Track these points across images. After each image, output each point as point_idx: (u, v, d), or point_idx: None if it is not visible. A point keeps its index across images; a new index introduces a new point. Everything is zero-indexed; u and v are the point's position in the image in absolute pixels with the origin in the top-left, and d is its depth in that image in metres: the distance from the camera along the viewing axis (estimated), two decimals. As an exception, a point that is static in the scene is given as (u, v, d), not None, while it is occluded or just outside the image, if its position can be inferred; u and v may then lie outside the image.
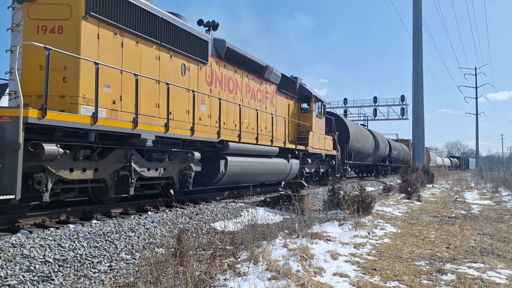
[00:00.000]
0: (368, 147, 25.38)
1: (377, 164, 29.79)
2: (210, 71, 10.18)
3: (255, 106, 12.39)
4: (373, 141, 26.87)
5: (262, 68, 12.84)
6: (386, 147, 30.73)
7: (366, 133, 26.45)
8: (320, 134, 17.03)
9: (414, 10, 30.08)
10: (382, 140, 29.97)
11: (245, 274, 4.24)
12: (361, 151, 24.00)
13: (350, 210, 8.62)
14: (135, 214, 7.32)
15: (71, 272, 4.41)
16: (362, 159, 25.08)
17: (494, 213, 11.16)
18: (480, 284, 4.54)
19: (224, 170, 10.01)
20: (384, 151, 29.69)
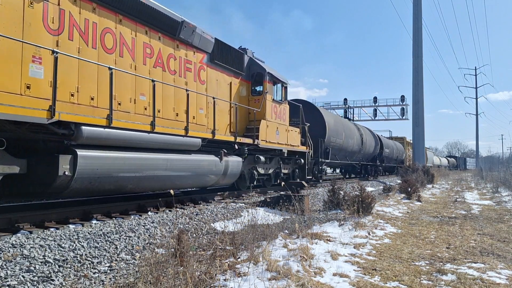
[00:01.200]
0: (352, 143, 21.76)
1: (365, 163, 25.98)
2: (58, 12, 6.47)
3: (165, 79, 8.69)
4: (359, 137, 23.26)
5: (174, 24, 8.88)
6: (376, 144, 27.42)
7: (349, 127, 22.32)
8: (280, 125, 13.19)
9: (414, 10, 30.10)
10: (371, 136, 26.74)
11: (245, 275, 4.24)
12: (343, 148, 20.48)
13: (350, 210, 8.61)
14: (135, 214, 7.32)
15: (71, 272, 4.41)
16: (344, 158, 21.42)
17: (494, 213, 11.16)
18: (480, 284, 4.54)
19: (70, 172, 6.18)
20: (373, 149, 26.44)
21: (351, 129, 22.73)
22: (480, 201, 14.74)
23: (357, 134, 23.18)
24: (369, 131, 28.01)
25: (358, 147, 22.91)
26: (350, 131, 22.01)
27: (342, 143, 20.20)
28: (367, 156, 25.82)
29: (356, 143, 22.51)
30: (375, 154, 27.43)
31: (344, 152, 21.02)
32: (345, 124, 22.47)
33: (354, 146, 22.15)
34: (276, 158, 13.62)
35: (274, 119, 12.87)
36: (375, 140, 27.54)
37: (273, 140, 12.67)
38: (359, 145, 23.15)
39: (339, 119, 22.34)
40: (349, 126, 22.79)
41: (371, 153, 26.53)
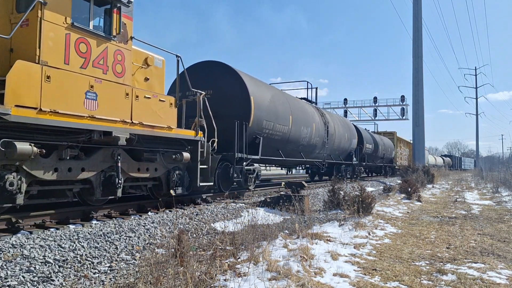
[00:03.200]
0: (308, 134, 15.30)
1: (333, 162, 19.46)
2: None
3: None
4: (321, 125, 16.88)
5: None
6: (352, 137, 21.37)
7: (303, 110, 15.47)
8: (107, 82, 6.72)
9: (414, 10, 30.10)
10: (344, 127, 20.56)
11: (245, 275, 4.24)
12: (289, 139, 13.93)
13: (350, 210, 8.62)
14: (135, 215, 7.32)
15: (71, 272, 4.41)
16: (292, 153, 14.65)
17: (494, 213, 11.16)
18: (480, 284, 4.54)
19: None
20: (348, 143, 20.61)
21: (307, 113, 15.59)
22: (480, 201, 14.74)
23: (318, 121, 16.49)
24: (343, 120, 22.49)
25: (320, 139, 16.75)
26: (304, 116, 15.18)
27: (288, 132, 13.58)
28: (338, 153, 19.75)
29: (316, 134, 16.20)
30: (351, 151, 21.59)
31: (292, 145, 14.33)
32: (296, 105, 14.75)
33: (313, 137, 15.80)
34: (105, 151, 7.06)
35: (81, 66, 6.37)
36: (350, 132, 21.25)
37: (71, 108, 6.06)
38: (321, 136, 16.89)
39: (282, 96, 13.99)
40: (303, 109, 15.39)
41: (345, 149, 20.64)
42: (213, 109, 9.69)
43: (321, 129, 17.06)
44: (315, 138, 16.33)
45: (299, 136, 14.83)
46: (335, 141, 19.14)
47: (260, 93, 12.27)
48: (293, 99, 15.63)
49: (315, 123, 16.36)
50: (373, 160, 27.22)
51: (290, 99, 14.94)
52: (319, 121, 17.07)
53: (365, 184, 11.15)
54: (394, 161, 34.03)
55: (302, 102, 16.63)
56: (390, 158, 32.82)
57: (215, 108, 9.84)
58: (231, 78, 11.52)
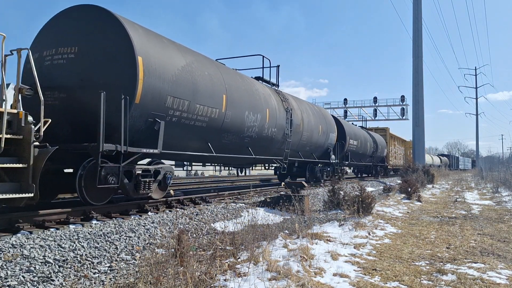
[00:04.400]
0: (256, 122, 11.22)
1: (303, 160, 15.67)
2: None
3: None
4: (281, 112, 12.84)
5: None
6: (330, 131, 17.52)
7: (248, 90, 11.29)
8: None
9: (414, 10, 30.11)
10: (318, 117, 16.63)
11: (245, 275, 4.24)
12: (224, 128, 9.89)
13: (350, 210, 8.62)
14: (135, 215, 7.32)
15: (71, 272, 4.41)
16: (232, 148, 10.67)
17: (494, 213, 11.16)
18: (480, 284, 4.54)
19: None
20: (322, 137, 16.66)
21: (257, 95, 11.60)
22: (480, 201, 14.74)
23: (275, 107, 12.52)
24: (317, 109, 17.79)
25: (279, 130, 12.70)
26: (251, 99, 11.11)
27: (220, 117, 9.55)
28: (309, 149, 15.76)
29: (272, 123, 12.17)
30: (328, 147, 17.60)
31: (235, 138, 10.49)
32: (236, 81, 10.72)
33: (266, 127, 11.85)
34: None
35: None
36: (326, 124, 17.31)
37: None
38: (281, 127, 12.81)
39: (210, 67, 9.80)
40: (249, 88, 11.32)
41: (320, 144, 16.65)
42: (79, 76, 7.04)
43: (280, 118, 12.75)
44: (271, 128, 12.21)
45: (242, 125, 10.55)
46: (304, 134, 14.86)
47: (162, 55, 7.84)
48: (233, 74, 11.01)
49: (269, 108, 12.09)
50: (359, 158, 23.30)
51: (227, 73, 10.44)
52: (277, 107, 12.72)
53: (365, 184, 11.15)
54: (387, 160, 30.58)
55: (250, 80, 11.96)
56: (381, 157, 29.00)
57: (81, 75, 7.05)
58: (107, 29, 7.28)
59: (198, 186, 16.06)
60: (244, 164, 13.55)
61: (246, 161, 12.61)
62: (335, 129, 18.55)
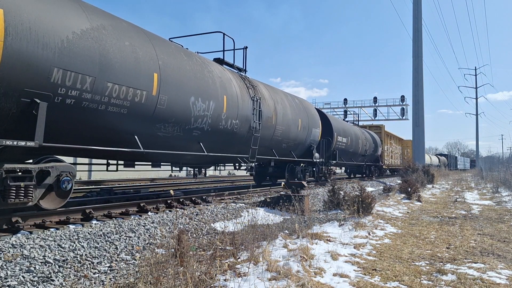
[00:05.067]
0: (206, 110, 9.10)
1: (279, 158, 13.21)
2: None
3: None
4: (246, 101, 10.84)
5: None
6: (312, 125, 15.35)
7: (196, 72, 9.00)
8: None
9: (414, 10, 30.13)
10: (297, 109, 14.37)
11: (245, 275, 4.24)
12: (157, 116, 7.75)
13: (350, 210, 8.63)
14: (135, 215, 7.32)
15: (71, 272, 4.41)
16: (172, 143, 8.57)
17: (494, 213, 11.16)
18: (480, 284, 4.54)
19: None
20: (302, 133, 14.45)
21: (210, 78, 9.52)
22: (480, 201, 14.74)
23: (238, 94, 10.50)
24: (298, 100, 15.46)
25: (243, 123, 10.62)
26: (201, 82, 9.08)
27: (151, 102, 7.54)
28: (285, 146, 13.57)
29: (232, 113, 10.14)
30: (311, 144, 15.52)
31: (178, 129, 8.47)
32: (176, 58, 8.57)
33: (223, 118, 9.80)
34: None
35: None
36: (308, 118, 15.20)
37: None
38: (246, 119, 10.77)
39: (136, 37, 7.54)
40: (200, 70, 9.26)
41: (300, 141, 14.49)
42: None
43: (244, 108, 10.64)
44: (231, 120, 10.10)
45: (186, 114, 8.47)
46: (278, 129, 12.61)
47: (45, 12, 5.84)
48: (174, 50, 8.65)
49: (228, 96, 9.96)
50: (350, 157, 21.32)
51: (163, 47, 8.24)
52: (240, 95, 10.58)
53: (365, 184, 11.14)
54: (382, 160, 28.71)
55: (202, 60, 9.68)
56: (375, 156, 27.11)
57: None
58: None
59: (197, 186, 16.07)
60: (196, 163, 11.09)
61: (197, 159, 10.22)
62: (319, 124, 16.31)
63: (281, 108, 13.15)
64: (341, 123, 20.79)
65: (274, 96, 13.09)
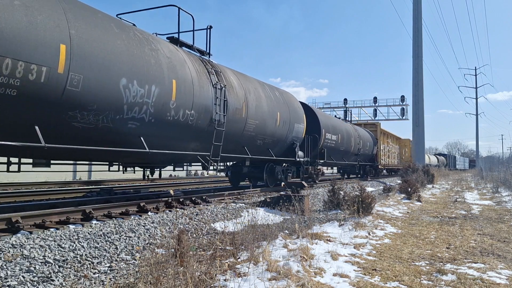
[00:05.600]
0: (148, 97, 7.38)
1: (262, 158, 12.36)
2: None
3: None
4: (206, 88, 9.14)
5: None
6: (295, 120, 13.83)
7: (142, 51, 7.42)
8: None
9: (414, 10, 30.14)
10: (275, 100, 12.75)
11: (245, 275, 4.24)
12: (71, 102, 6.06)
13: (350, 210, 8.62)
14: (135, 215, 7.32)
15: (71, 272, 4.41)
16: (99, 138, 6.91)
17: (494, 213, 11.16)
18: (480, 284, 4.54)
19: None
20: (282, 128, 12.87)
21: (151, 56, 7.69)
22: (480, 201, 14.74)
23: (194, 79, 8.84)
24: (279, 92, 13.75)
25: (201, 114, 8.99)
26: (140, 62, 7.38)
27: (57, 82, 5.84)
28: (260, 143, 11.99)
29: (186, 102, 8.49)
30: (293, 141, 13.89)
31: (90, 116, 6.50)
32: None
33: (172, 107, 8.10)
34: None
35: None
36: (289, 111, 13.55)
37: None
38: (206, 109, 9.16)
39: None
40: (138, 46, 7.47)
41: (279, 137, 12.94)
42: None
43: (202, 96, 8.94)
44: (183, 110, 8.37)
45: (116, 99, 6.83)
46: (249, 123, 11.04)
47: None
48: (97, 18, 6.88)
49: (179, 80, 8.22)
50: (341, 157, 19.83)
51: (78, 12, 6.47)
52: (197, 80, 8.85)
53: (365, 184, 11.15)
54: (377, 159, 27.37)
55: (144, 36, 7.92)
56: (370, 156, 25.72)
57: None
58: None
59: (197, 186, 16.06)
60: (141, 162, 9.40)
61: (136, 156, 8.25)
62: (303, 119, 14.71)
63: (254, 99, 11.51)
64: (330, 119, 19.31)
65: (245, 85, 11.41)
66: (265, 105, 12.09)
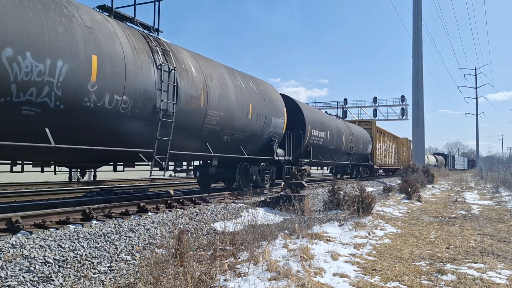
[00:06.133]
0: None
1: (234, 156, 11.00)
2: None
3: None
4: (146, 71, 7.52)
5: None
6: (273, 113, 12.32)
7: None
8: None
9: (414, 10, 30.14)
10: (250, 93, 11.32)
11: (245, 275, 4.24)
12: None
13: (350, 210, 8.62)
14: (135, 215, 7.33)
15: (71, 272, 4.41)
16: None
17: (494, 213, 11.16)
18: (480, 284, 4.54)
19: None
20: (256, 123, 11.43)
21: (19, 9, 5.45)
22: (480, 201, 14.74)
23: (116, 45, 7.03)
24: (250, 80, 12.06)
25: (124, 97, 7.07)
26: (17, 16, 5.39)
27: None
28: (228, 139, 10.46)
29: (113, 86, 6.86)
30: (271, 137, 12.43)
31: None
32: None
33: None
34: None
35: None
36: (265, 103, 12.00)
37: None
38: (147, 95, 7.58)
39: None
40: None
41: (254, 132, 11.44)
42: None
43: (140, 79, 7.46)
44: (110, 95, 6.85)
45: (2, 76, 5.32)
46: (210, 114, 9.37)
47: None
48: None
49: (102, 56, 6.72)
50: (331, 156, 18.20)
51: None
52: (133, 58, 7.38)
53: (365, 184, 11.15)
54: (372, 159, 25.72)
55: None
56: (364, 155, 24.01)
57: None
58: None
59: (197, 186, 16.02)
60: (48, 159, 7.53)
61: (42, 153, 6.69)
62: (283, 113, 13.15)
63: (218, 87, 9.79)
64: (317, 114, 17.38)
65: (207, 70, 9.66)
66: (232, 94, 10.37)
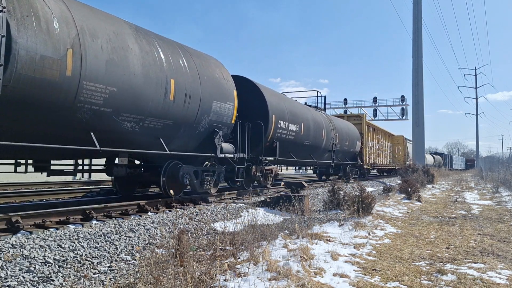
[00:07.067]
0: None
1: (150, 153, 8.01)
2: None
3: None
4: None
5: None
6: (216, 99, 9.40)
7: None
8: None
9: (414, 10, 30.15)
10: (176, 67, 8.15)
11: (245, 275, 4.24)
12: None
13: (350, 210, 8.62)
14: (135, 215, 7.32)
15: (71, 272, 4.41)
16: None
17: (494, 213, 11.16)
18: (480, 284, 4.54)
19: None
20: (191, 110, 8.55)
21: None
22: (480, 201, 14.74)
23: None
24: (178, 47, 8.90)
25: None
26: None
27: None
28: (127, 128, 7.12)
29: None
30: (214, 128, 9.61)
31: None
32: None
33: None
34: None
35: None
36: (201, 81, 8.98)
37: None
38: None
39: None
40: None
41: (186, 121, 8.57)
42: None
43: None
44: None
45: None
46: (88, 88, 6.23)
47: None
48: None
49: None
50: (308, 153, 15.59)
51: None
52: None
53: (365, 184, 11.15)
54: (362, 158, 23.21)
55: None
56: (352, 153, 21.34)
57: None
58: None
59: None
60: None
61: None
62: (232, 97, 10.29)
63: (107, 50, 6.68)
64: (288, 102, 14.04)
65: (86, 23, 6.43)
66: (137, 63, 7.21)
